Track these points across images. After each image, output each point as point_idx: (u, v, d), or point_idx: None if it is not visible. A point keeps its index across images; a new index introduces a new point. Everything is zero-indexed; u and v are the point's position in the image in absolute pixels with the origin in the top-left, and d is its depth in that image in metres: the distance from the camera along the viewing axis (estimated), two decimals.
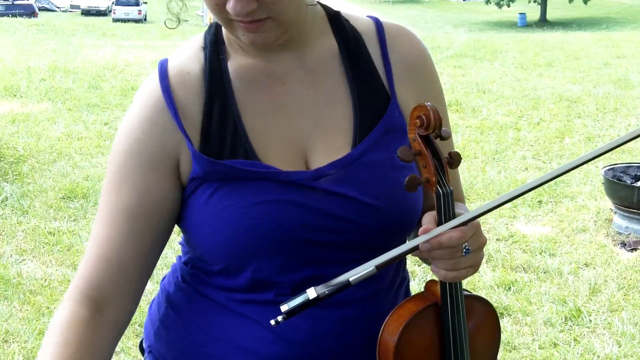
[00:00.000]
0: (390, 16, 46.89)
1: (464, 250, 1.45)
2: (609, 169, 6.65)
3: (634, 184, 6.42)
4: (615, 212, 6.58)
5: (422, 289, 1.60)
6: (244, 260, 1.55)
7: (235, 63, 1.60)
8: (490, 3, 47.60)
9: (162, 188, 1.57)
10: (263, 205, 1.51)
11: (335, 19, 1.67)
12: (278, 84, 1.60)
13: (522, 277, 5.53)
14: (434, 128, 1.45)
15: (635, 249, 6.07)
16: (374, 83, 1.63)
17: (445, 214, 1.46)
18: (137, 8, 40.69)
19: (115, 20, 37.59)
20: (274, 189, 1.52)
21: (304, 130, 1.59)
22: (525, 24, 44.55)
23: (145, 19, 40.26)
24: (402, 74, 1.66)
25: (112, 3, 42.48)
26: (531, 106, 11.60)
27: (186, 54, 1.62)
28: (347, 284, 1.41)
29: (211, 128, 1.56)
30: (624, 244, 6.16)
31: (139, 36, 21.59)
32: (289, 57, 1.61)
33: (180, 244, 1.73)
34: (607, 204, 6.87)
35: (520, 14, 45.84)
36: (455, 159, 1.49)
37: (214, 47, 1.61)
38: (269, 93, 1.60)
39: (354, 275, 1.42)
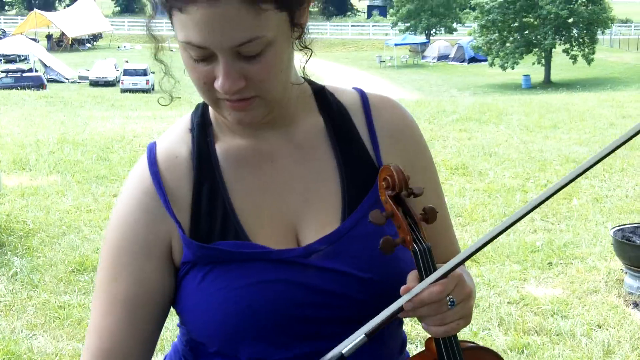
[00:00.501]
0: (395, 81, 47.20)
1: (449, 303, 1.45)
2: (617, 230, 6.64)
3: None
4: (626, 273, 6.56)
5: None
6: (237, 341, 1.56)
7: (224, 144, 1.62)
8: (494, 66, 47.87)
9: (159, 275, 1.59)
10: (255, 286, 1.53)
11: (320, 95, 1.69)
12: (267, 162, 1.62)
13: (535, 340, 5.51)
14: (400, 187, 1.48)
15: None
16: (361, 156, 1.65)
17: (426, 270, 1.47)
18: (144, 78, 40.96)
19: (124, 90, 37.86)
20: (265, 269, 1.54)
21: (294, 207, 1.60)
22: (530, 86, 44.73)
23: (153, 89, 40.55)
24: (388, 144, 1.68)
25: (120, 73, 42.78)
26: (538, 168, 11.62)
27: (174, 137, 1.64)
28: (340, 356, 1.43)
29: (200, 211, 1.57)
30: (636, 304, 6.14)
31: (146, 106, 21.72)
32: (276, 135, 1.62)
33: (178, 325, 1.73)
34: (618, 264, 6.85)
35: (524, 75, 46.05)
36: (430, 214, 1.51)
37: (201, 129, 1.63)
38: (257, 172, 1.61)
39: (345, 347, 1.44)
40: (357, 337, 1.43)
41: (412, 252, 1.48)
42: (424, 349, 1.59)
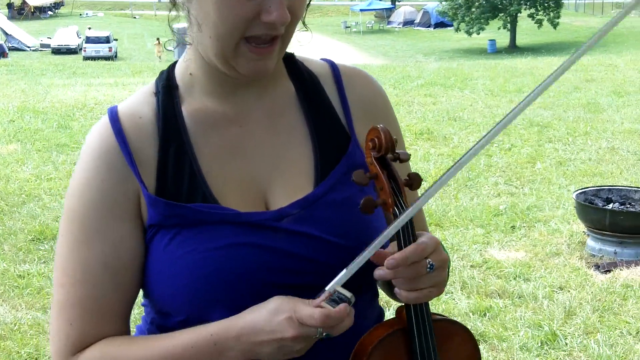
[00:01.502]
0: (361, 46, 47.14)
1: (428, 266, 1.42)
2: (580, 193, 6.66)
3: (606, 207, 6.44)
4: (588, 235, 6.60)
5: None
6: (205, 308, 1.50)
7: (190, 107, 1.57)
8: (460, 31, 47.87)
9: (135, 237, 1.53)
10: (224, 250, 1.48)
11: (290, 61, 1.67)
12: (235, 126, 1.58)
13: (497, 303, 5.51)
14: (387, 149, 1.45)
15: (609, 271, 6.06)
16: (333, 123, 1.63)
17: (405, 236, 1.44)
18: (107, 45, 40.65)
19: (86, 58, 37.54)
20: (234, 232, 1.50)
21: (263, 171, 1.57)
22: (495, 50, 44.80)
23: (116, 56, 40.21)
24: (360, 114, 1.66)
25: (83, 41, 42.40)
26: (502, 132, 11.58)
27: (136, 100, 1.60)
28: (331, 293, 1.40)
29: (167, 172, 1.53)
30: (597, 266, 6.16)
31: (109, 74, 21.50)
32: (246, 100, 1.59)
33: (142, 304, 1.67)
34: (580, 227, 6.88)
35: (490, 40, 46.11)
36: (414, 180, 1.48)
37: (167, 91, 1.58)
38: (226, 136, 1.57)
39: (329, 284, 1.40)
40: (339, 275, 1.40)
41: (392, 215, 1.45)
42: (394, 317, 1.56)
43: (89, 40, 41.44)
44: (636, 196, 6.68)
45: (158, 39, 42.82)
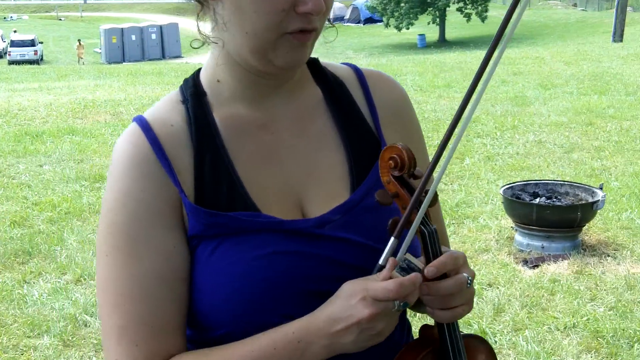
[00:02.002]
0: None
1: (468, 281, 1.41)
2: (507, 188, 6.68)
3: (532, 202, 6.46)
4: (516, 230, 6.62)
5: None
6: (249, 319, 1.45)
7: (221, 113, 1.53)
8: (389, 26, 48.10)
9: (184, 244, 1.47)
10: (268, 258, 1.45)
11: (315, 66, 1.65)
12: (267, 133, 1.55)
13: None
14: (409, 168, 1.42)
15: (537, 266, 6.09)
16: (362, 128, 1.61)
17: (433, 252, 1.42)
18: (33, 48, 40.07)
19: (11, 62, 36.93)
20: (278, 240, 1.46)
21: (298, 178, 1.54)
22: (425, 45, 45.15)
23: (41, 59, 39.63)
24: (386, 118, 1.64)
25: (7, 45, 41.72)
26: (431, 128, 11.67)
27: (163, 108, 1.54)
28: (380, 267, 1.37)
29: (205, 180, 1.48)
30: (525, 262, 6.18)
31: (34, 78, 21.13)
32: (275, 106, 1.56)
33: None
34: (508, 222, 6.90)
35: (419, 35, 46.47)
36: (433, 197, 1.44)
37: (196, 99, 1.53)
38: (259, 143, 1.54)
39: (381, 258, 1.39)
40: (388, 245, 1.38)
41: (419, 234, 1.42)
42: (418, 336, 1.53)
43: (13, 44, 40.83)
44: (562, 190, 6.72)
45: (79, 40, 42.36)
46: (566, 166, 9.38)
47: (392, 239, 1.38)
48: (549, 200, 6.56)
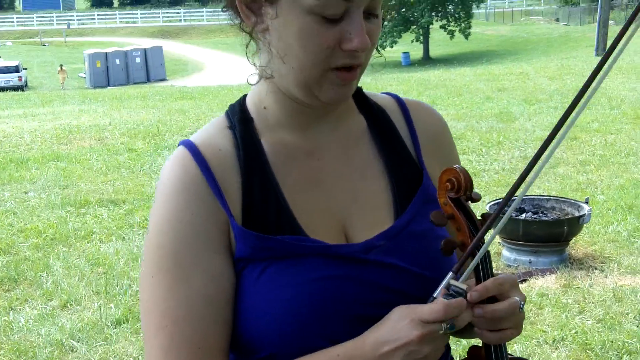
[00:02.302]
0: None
1: (521, 305, 1.42)
2: (493, 204, 6.68)
3: (519, 217, 6.46)
4: (503, 246, 6.63)
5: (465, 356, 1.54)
6: (295, 342, 1.46)
7: (269, 139, 1.55)
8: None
9: (230, 267, 1.48)
10: (316, 282, 1.45)
11: (359, 95, 1.67)
12: (313, 160, 1.57)
13: None
14: (466, 190, 1.45)
15: (525, 280, 6.09)
16: (404, 156, 1.64)
17: (485, 276, 1.44)
18: (17, 75, 40.00)
19: None
20: (325, 265, 1.47)
21: (342, 204, 1.56)
22: (409, 63, 45.26)
23: (26, 85, 39.58)
24: (428, 147, 1.67)
25: None
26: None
27: (210, 133, 1.56)
28: (433, 299, 1.40)
29: (253, 204, 1.49)
30: None
31: (18, 104, 21.06)
32: (321, 133, 1.58)
33: None
34: (495, 238, 6.87)
35: (403, 53, 46.58)
36: (487, 221, 1.47)
37: (244, 125, 1.55)
38: (305, 168, 1.56)
39: (435, 291, 1.41)
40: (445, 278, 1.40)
41: (472, 256, 1.43)
42: (466, 357, 1.54)
43: None
44: (548, 205, 6.73)
45: (61, 65, 42.25)
46: (552, 181, 9.40)
47: (450, 273, 1.40)
48: (535, 216, 6.57)
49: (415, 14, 47.64)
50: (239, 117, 1.56)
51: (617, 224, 7.43)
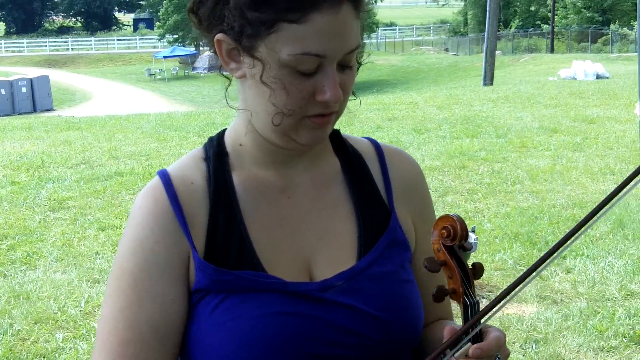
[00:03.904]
0: (166, 94, 46.73)
1: (496, 358, 1.45)
2: None
3: None
4: None
5: None
6: None
7: (241, 175, 1.61)
8: None
9: (182, 301, 1.55)
10: (270, 317, 1.50)
11: (336, 138, 1.73)
12: (284, 197, 1.63)
13: None
14: (460, 239, 1.47)
15: None
16: (375, 199, 1.68)
17: (472, 325, 1.44)
18: None
19: None
20: (281, 301, 1.52)
21: (308, 242, 1.61)
22: None
23: None
24: (400, 193, 1.72)
25: None
26: None
27: (186, 165, 1.63)
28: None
29: (216, 238, 1.55)
30: None
31: None
32: (295, 172, 1.64)
33: None
34: None
35: None
36: (478, 271, 1.50)
37: (218, 159, 1.62)
38: (274, 205, 1.61)
39: None
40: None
41: (462, 305, 1.47)
42: None
43: None
44: None
45: None
46: (441, 209, 9.43)
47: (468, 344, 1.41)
48: None
49: None
50: (215, 150, 1.63)
51: (503, 252, 7.51)
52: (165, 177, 1.59)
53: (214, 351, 1.50)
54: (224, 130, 1.67)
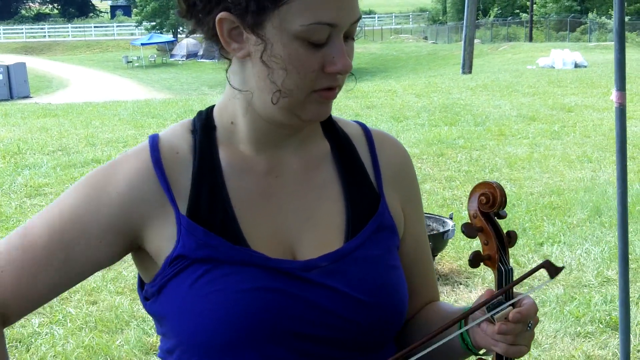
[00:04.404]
0: (143, 81, 46.54)
1: (529, 324, 1.48)
2: None
3: None
4: None
5: None
6: (228, 350, 1.50)
7: (228, 150, 1.60)
8: None
9: (108, 255, 1.56)
10: (252, 292, 1.49)
11: (326, 121, 1.70)
12: (271, 176, 1.62)
13: None
14: (499, 207, 1.49)
15: None
16: (364, 183, 1.68)
17: (506, 291, 1.48)
18: None
19: None
20: (264, 277, 1.51)
21: (294, 222, 1.60)
22: None
23: None
24: (389, 177, 1.71)
25: None
26: None
27: (175, 133, 1.63)
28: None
29: (200, 206, 1.54)
30: None
31: None
32: (284, 152, 1.63)
33: (160, 348, 1.67)
34: None
35: None
36: (513, 238, 1.52)
37: (205, 132, 1.61)
38: (260, 183, 1.60)
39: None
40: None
41: (497, 271, 1.50)
42: None
43: None
44: None
45: None
46: None
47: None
48: None
49: None
50: (203, 123, 1.62)
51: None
52: (154, 141, 1.59)
53: (195, 323, 1.50)
54: (213, 106, 1.66)
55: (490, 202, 1.48)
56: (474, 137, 13.52)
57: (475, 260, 1.48)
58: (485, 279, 6.45)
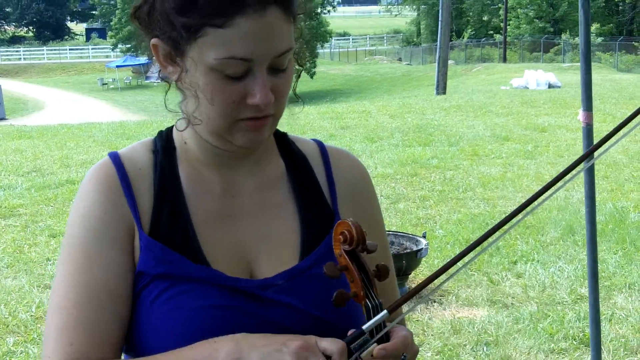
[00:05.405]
0: (119, 103, 46.41)
1: (402, 358, 1.47)
2: None
3: None
4: None
5: None
6: None
7: (187, 170, 1.64)
8: None
9: (132, 270, 1.56)
10: (209, 310, 1.52)
11: (282, 140, 1.75)
12: (228, 196, 1.64)
13: None
14: (358, 243, 1.47)
15: None
16: (319, 202, 1.71)
17: (377, 327, 1.45)
18: None
19: None
20: (221, 295, 1.54)
21: (251, 242, 1.63)
22: None
23: None
24: (344, 195, 1.74)
25: None
26: None
27: (137, 151, 1.65)
28: (361, 332, 1.43)
29: (161, 223, 1.58)
30: None
31: None
32: (240, 173, 1.66)
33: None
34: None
35: None
36: (382, 272, 1.51)
37: (166, 152, 1.64)
38: (218, 203, 1.63)
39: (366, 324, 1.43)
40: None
41: (364, 307, 1.47)
42: None
43: None
44: (389, 239, 6.75)
45: None
46: (393, 216, 9.51)
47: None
48: None
49: None
50: (164, 144, 1.65)
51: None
52: (115, 156, 1.62)
53: (155, 339, 1.52)
54: (172, 127, 1.69)
55: (348, 240, 1.48)
56: (448, 157, 13.60)
57: (339, 299, 1.45)
58: (459, 297, 6.49)
